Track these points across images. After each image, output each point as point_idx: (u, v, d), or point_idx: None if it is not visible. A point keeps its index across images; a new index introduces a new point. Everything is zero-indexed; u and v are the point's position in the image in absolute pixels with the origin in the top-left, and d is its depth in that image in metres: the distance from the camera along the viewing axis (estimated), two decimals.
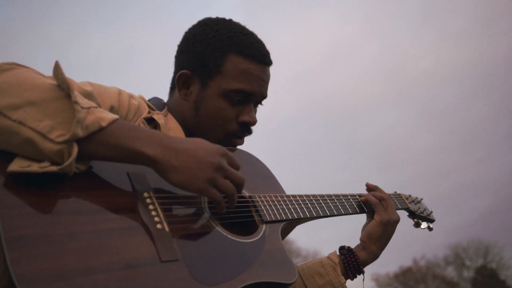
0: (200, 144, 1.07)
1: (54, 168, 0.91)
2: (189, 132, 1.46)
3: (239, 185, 1.11)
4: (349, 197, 1.60)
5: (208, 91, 1.41)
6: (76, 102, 0.92)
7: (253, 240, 1.21)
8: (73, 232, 0.90)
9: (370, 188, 1.67)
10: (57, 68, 0.98)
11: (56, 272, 0.82)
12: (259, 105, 1.52)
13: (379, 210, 1.55)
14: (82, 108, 0.93)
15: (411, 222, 1.88)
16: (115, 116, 1.00)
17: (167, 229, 1.03)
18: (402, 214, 1.79)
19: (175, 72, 1.49)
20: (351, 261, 1.52)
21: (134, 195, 1.05)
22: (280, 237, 1.29)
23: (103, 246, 0.91)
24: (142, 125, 1.32)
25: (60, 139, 0.91)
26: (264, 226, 1.28)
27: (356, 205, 1.59)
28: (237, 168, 1.13)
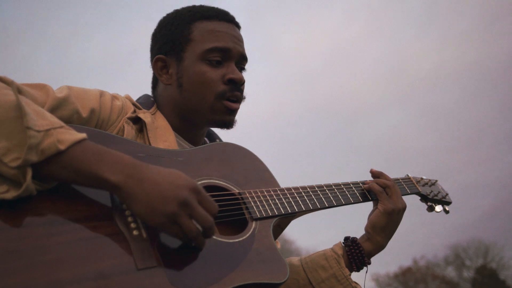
0: (170, 176, 0.98)
1: (8, 196, 0.88)
2: (185, 119, 1.45)
3: (205, 228, 1.00)
4: (351, 185, 1.52)
5: (185, 62, 1.40)
6: (28, 128, 0.88)
7: (241, 239, 1.15)
8: (43, 244, 0.87)
9: (375, 174, 1.58)
10: (13, 88, 0.96)
11: (23, 287, 0.80)
12: (244, 71, 1.50)
13: (382, 199, 1.47)
14: (38, 131, 0.90)
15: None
16: (80, 137, 0.95)
17: (144, 235, 0.99)
18: (414, 199, 1.74)
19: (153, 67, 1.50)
20: (356, 253, 1.46)
21: (111, 202, 1.01)
22: (271, 234, 1.22)
23: (75, 257, 0.88)
24: (126, 125, 1.29)
25: (14, 164, 0.88)
26: (254, 224, 1.21)
27: (359, 193, 1.50)
28: (211, 209, 1.01)
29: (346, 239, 1.51)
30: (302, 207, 1.34)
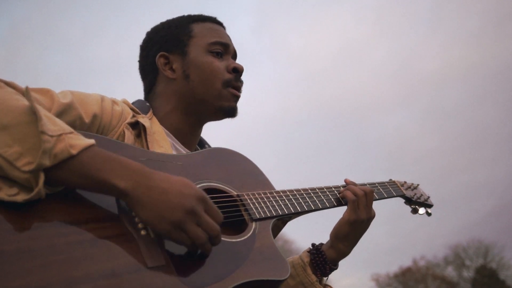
0: (177, 185, 1.00)
1: (19, 199, 0.89)
2: (188, 113, 1.50)
3: (212, 236, 1.02)
4: (333, 189, 1.56)
5: (191, 55, 1.49)
6: (42, 132, 0.90)
7: (243, 239, 1.20)
8: (54, 244, 0.89)
9: (348, 184, 1.59)
10: (27, 95, 0.97)
11: (38, 285, 0.82)
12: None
13: (349, 208, 1.48)
14: (51, 136, 0.91)
15: (409, 215, 1.84)
16: (90, 142, 0.97)
17: (152, 234, 1.02)
18: (399, 201, 1.81)
19: (150, 70, 1.54)
20: (320, 261, 1.50)
21: (117, 204, 1.04)
22: (271, 234, 1.27)
23: (86, 257, 0.90)
24: (126, 131, 1.31)
25: (27, 168, 0.89)
26: (254, 224, 1.26)
27: (334, 198, 1.53)
28: (217, 217, 1.05)
29: (313, 246, 1.56)
30: (298, 208, 1.40)
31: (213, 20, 1.59)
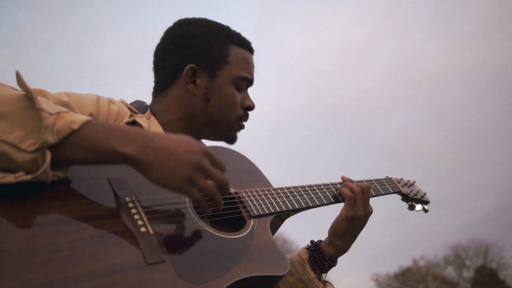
0: (180, 142, 1.03)
1: (28, 177, 0.90)
2: (191, 128, 1.51)
3: (221, 186, 1.07)
4: (330, 186, 1.58)
5: (219, 81, 1.49)
6: (41, 109, 0.91)
7: (241, 235, 1.21)
8: (54, 242, 0.89)
9: (345, 181, 1.61)
10: (19, 79, 0.96)
11: (39, 283, 0.82)
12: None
13: (346, 204, 1.49)
14: (50, 114, 0.92)
15: (409, 215, 1.92)
16: (88, 118, 0.98)
17: (151, 231, 1.03)
18: (398, 202, 1.83)
19: (172, 70, 1.52)
20: (318, 258, 1.51)
21: (116, 201, 1.05)
22: (270, 231, 1.28)
23: (87, 254, 0.91)
24: None
25: (32, 148, 0.89)
26: (252, 221, 1.27)
27: (331, 195, 1.55)
28: (222, 168, 1.10)
29: (311, 243, 1.57)
30: (296, 205, 1.42)
31: (250, 49, 1.59)
